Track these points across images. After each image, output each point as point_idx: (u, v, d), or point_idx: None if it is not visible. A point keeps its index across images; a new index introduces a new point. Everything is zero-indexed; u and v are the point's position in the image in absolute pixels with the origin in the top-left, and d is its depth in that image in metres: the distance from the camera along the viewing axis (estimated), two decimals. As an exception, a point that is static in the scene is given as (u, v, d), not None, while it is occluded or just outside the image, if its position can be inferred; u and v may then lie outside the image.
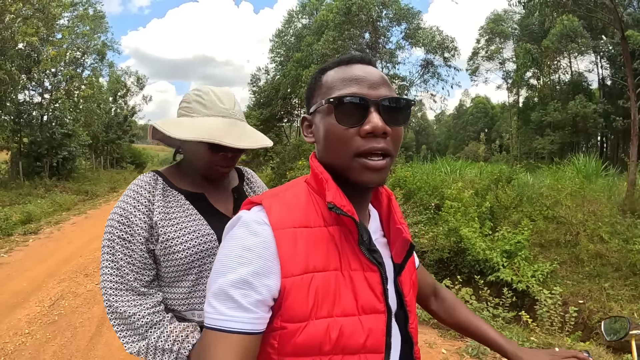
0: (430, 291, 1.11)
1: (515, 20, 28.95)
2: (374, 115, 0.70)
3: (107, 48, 25.21)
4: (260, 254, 0.67)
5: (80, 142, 19.52)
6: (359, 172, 0.71)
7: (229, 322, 0.64)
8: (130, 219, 1.05)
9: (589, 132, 24.27)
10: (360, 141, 0.70)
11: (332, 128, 0.72)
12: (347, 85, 0.73)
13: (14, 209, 10.25)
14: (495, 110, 47.10)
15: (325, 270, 0.69)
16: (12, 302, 4.51)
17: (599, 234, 6.53)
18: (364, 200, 0.79)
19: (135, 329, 1.03)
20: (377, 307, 0.72)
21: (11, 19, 11.72)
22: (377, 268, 0.73)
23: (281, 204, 0.74)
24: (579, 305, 5.06)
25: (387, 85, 0.74)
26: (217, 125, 1.08)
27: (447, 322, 1.10)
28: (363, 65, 0.76)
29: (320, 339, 0.66)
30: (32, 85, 17.93)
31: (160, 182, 1.12)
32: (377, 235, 0.82)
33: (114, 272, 1.05)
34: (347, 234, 0.73)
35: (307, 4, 29.72)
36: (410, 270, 0.87)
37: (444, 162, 13.89)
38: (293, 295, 0.66)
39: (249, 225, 0.70)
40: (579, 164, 10.73)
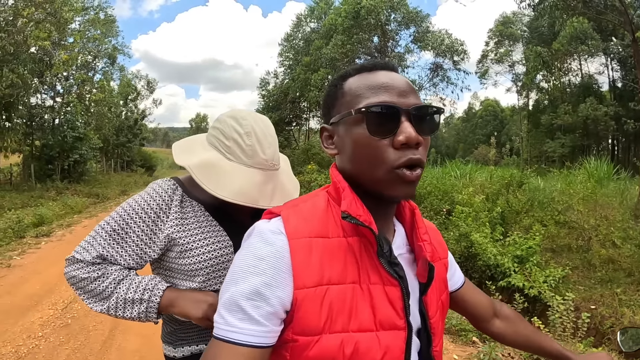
0: (490, 313, 1.01)
1: (524, 22, 28.77)
2: (407, 125, 0.66)
3: (117, 52, 25.59)
4: (273, 264, 0.65)
5: (92, 145, 19.80)
6: (393, 186, 0.67)
7: (238, 334, 0.62)
8: (130, 225, 1.04)
9: (600, 135, 23.98)
10: (395, 153, 0.66)
11: (363, 140, 0.68)
12: (375, 94, 0.69)
13: (25, 211, 10.40)
14: (505, 114, 46.77)
15: (341, 283, 0.67)
16: (26, 304, 4.57)
17: (611, 239, 6.44)
18: (386, 213, 0.75)
19: (103, 289, 1.02)
20: (396, 323, 0.68)
21: (24, 23, 11.96)
22: (397, 282, 0.69)
23: (299, 213, 0.72)
24: (591, 310, 4.99)
25: (414, 92, 0.71)
26: (255, 181, 1.05)
27: (514, 342, 1.03)
28: (387, 71, 0.73)
29: (333, 354, 0.63)
30: (44, 88, 18.27)
31: (179, 191, 1.09)
32: (402, 250, 0.77)
33: (89, 249, 1.03)
34: (367, 246, 0.70)
35: (316, 8, 29.80)
36: (440, 290, 0.82)
37: (454, 166, 13.80)
38: (305, 307, 0.64)
39: (263, 234, 0.69)
40: (591, 167, 10.59)
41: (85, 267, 1.02)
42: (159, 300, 1.01)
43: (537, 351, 1.02)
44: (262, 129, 1.08)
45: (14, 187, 14.65)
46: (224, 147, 1.06)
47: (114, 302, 1.02)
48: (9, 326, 3.95)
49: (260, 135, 1.07)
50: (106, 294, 1.02)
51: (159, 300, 1.01)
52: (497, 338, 1.04)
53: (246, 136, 1.05)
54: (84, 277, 1.01)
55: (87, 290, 1.03)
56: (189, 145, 1.17)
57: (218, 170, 1.04)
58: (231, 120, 1.08)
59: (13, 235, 8.08)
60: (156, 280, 1.05)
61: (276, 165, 1.10)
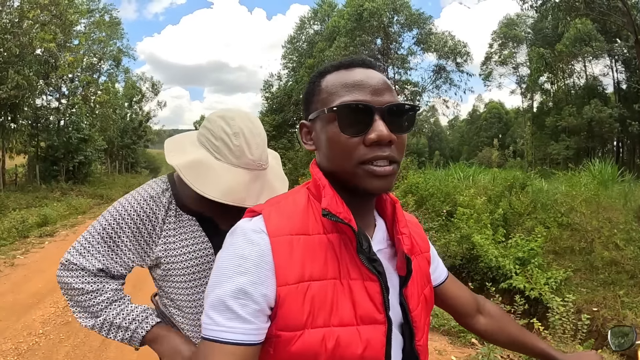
0: (474, 308, 1.01)
1: (528, 24, 28.68)
2: (379, 123, 0.67)
3: (122, 54, 25.78)
4: (257, 263, 0.66)
5: (96, 146, 19.96)
6: (364, 179, 0.68)
7: (226, 333, 0.63)
8: (120, 236, 1.04)
9: (605, 137, 23.80)
10: (365, 150, 0.68)
11: (335, 137, 0.69)
12: (349, 92, 0.70)
13: (30, 211, 10.49)
14: (510, 116, 46.51)
15: (322, 279, 0.68)
16: (28, 302, 4.62)
17: (614, 241, 6.38)
18: (365, 208, 0.76)
19: (93, 305, 1.03)
20: (376, 317, 0.69)
21: (29, 25, 12.09)
22: (376, 277, 0.70)
23: (280, 211, 0.73)
24: (592, 313, 4.95)
25: (390, 90, 0.71)
26: (242, 181, 1.05)
27: (499, 339, 1.02)
28: (364, 69, 0.73)
29: (315, 348, 0.65)
30: (50, 90, 18.44)
31: (172, 206, 1.08)
32: (383, 245, 0.78)
33: (86, 256, 1.03)
34: (347, 242, 0.71)
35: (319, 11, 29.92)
36: (421, 284, 0.82)
37: (457, 168, 13.72)
38: (288, 303, 0.65)
39: (246, 234, 0.70)
40: (595, 169, 10.52)
41: (81, 277, 1.03)
42: (144, 334, 1.03)
43: (523, 349, 1.01)
44: (250, 129, 1.08)
45: (19, 188, 14.78)
46: (213, 147, 1.07)
47: (100, 322, 1.03)
48: (10, 323, 4.00)
49: (249, 135, 1.07)
50: (95, 311, 1.03)
51: (144, 334, 1.03)
52: (480, 334, 1.03)
53: (234, 137, 1.05)
54: (78, 287, 1.02)
55: (77, 300, 1.04)
56: (180, 142, 1.17)
57: (206, 170, 1.04)
58: (220, 121, 1.08)
59: (17, 234, 8.17)
60: (148, 312, 1.06)
61: (264, 165, 1.10)
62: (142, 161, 38.55)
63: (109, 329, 1.03)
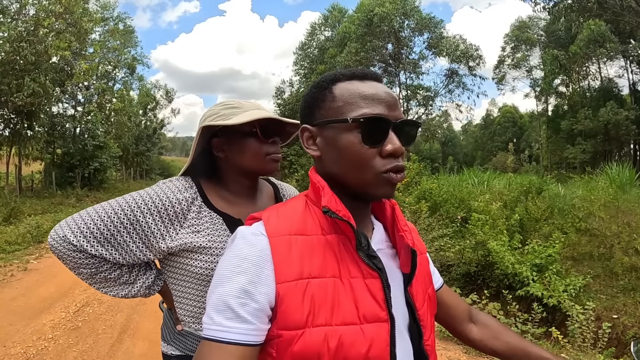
0: (466, 317, 1.00)
1: (540, 26, 28.38)
2: (393, 136, 0.72)
3: (137, 62, 26.26)
4: (256, 263, 0.68)
5: (111, 153, 20.26)
6: (379, 187, 0.72)
7: (226, 333, 0.64)
8: (141, 222, 1.00)
9: (622, 140, 23.32)
10: (382, 161, 0.71)
11: (354, 146, 0.72)
12: (368, 104, 0.72)
13: (45, 217, 10.65)
14: (524, 120, 46.04)
15: (321, 277, 0.68)
16: (39, 307, 4.63)
17: (634, 246, 6.18)
18: (364, 211, 0.79)
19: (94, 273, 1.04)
20: (379, 315, 0.69)
21: (45, 33, 12.38)
22: (377, 274, 0.71)
23: (279, 215, 0.76)
24: (612, 320, 4.78)
25: (399, 105, 0.76)
26: (259, 112, 1.08)
27: (496, 348, 0.97)
28: (376, 82, 0.76)
29: (318, 348, 0.64)
30: (66, 98, 18.82)
31: (197, 202, 1.06)
32: (382, 245, 0.80)
33: (88, 237, 0.99)
34: (345, 242, 0.73)
35: (330, 17, 30.10)
36: (425, 283, 0.84)
37: (471, 174, 13.55)
38: (287, 301, 0.66)
39: (245, 237, 0.72)
40: (612, 173, 10.27)
41: (75, 252, 0.99)
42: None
43: (525, 358, 0.93)
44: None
45: (35, 194, 15.05)
46: (221, 117, 1.08)
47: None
48: (20, 327, 4.01)
49: (240, 101, 1.14)
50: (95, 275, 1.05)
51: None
52: (475, 343, 0.99)
53: (230, 101, 1.14)
54: (74, 261, 1.00)
55: (73, 267, 1.03)
56: None
57: (223, 118, 1.08)
58: (214, 105, 1.15)
59: (32, 240, 8.28)
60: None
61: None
62: (156, 168, 39.09)
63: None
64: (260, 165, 1.10)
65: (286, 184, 1.38)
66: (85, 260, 1.00)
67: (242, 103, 1.12)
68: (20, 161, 15.00)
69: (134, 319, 4.36)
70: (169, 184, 1.07)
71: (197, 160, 1.14)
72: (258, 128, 1.07)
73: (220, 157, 1.12)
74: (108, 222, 0.99)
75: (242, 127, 1.06)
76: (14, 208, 10.63)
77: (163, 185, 1.06)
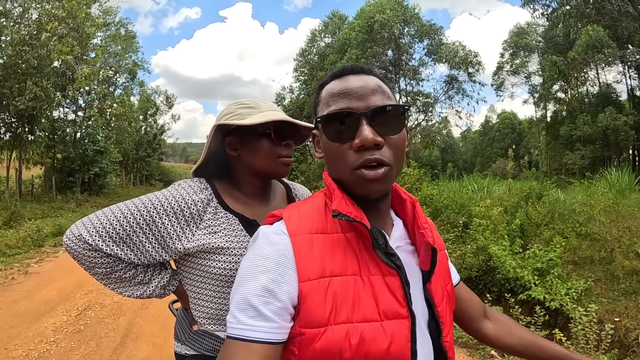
0: (480, 313, 1.01)
1: (539, 32, 28.54)
2: (364, 128, 0.69)
3: (137, 67, 26.29)
4: (279, 261, 0.68)
5: (112, 159, 20.23)
6: (358, 185, 0.71)
7: (250, 332, 0.64)
8: (157, 223, 1.00)
9: (621, 146, 23.34)
10: (354, 155, 0.70)
11: (327, 146, 0.74)
12: (335, 101, 0.73)
13: (45, 221, 10.62)
14: (523, 126, 46.12)
15: (343, 275, 0.69)
16: (40, 310, 4.62)
17: (634, 250, 6.19)
18: (379, 208, 0.78)
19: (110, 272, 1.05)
20: (399, 311, 0.70)
21: (47, 37, 12.38)
22: (396, 272, 0.71)
23: (299, 213, 0.76)
24: (615, 323, 4.77)
25: (380, 92, 0.73)
26: (275, 113, 1.09)
27: (510, 344, 0.98)
28: (355, 75, 0.75)
29: (340, 345, 0.65)
30: (67, 102, 18.83)
31: (213, 203, 1.07)
32: (401, 242, 0.79)
33: (105, 238, 0.99)
34: (364, 240, 0.73)
35: (330, 23, 30.22)
36: (444, 280, 0.84)
37: (471, 180, 13.56)
38: (310, 299, 0.66)
39: (267, 236, 0.72)
40: (612, 178, 10.30)
41: (90, 251, 0.99)
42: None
43: (539, 353, 0.95)
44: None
45: (35, 198, 15.01)
46: (237, 117, 1.09)
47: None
48: (22, 330, 4.00)
49: (256, 101, 1.15)
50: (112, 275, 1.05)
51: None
52: (488, 340, 1.01)
53: (246, 101, 1.14)
54: (89, 261, 1.01)
55: (88, 266, 1.03)
56: None
57: (239, 117, 1.09)
58: (231, 104, 1.15)
59: (32, 243, 8.26)
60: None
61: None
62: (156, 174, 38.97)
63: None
64: (272, 167, 1.11)
65: (298, 184, 1.38)
66: (100, 260, 1.00)
67: (259, 103, 1.13)
68: (21, 165, 14.99)
69: (136, 323, 4.35)
70: (184, 185, 1.07)
71: (210, 159, 1.15)
72: (272, 130, 1.08)
73: (233, 156, 1.13)
74: (124, 222, 0.99)
75: (257, 127, 1.06)
76: (15, 212, 10.61)
77: (178, 186, 1.07)
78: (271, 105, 1.15)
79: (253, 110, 1.10)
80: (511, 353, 1.01)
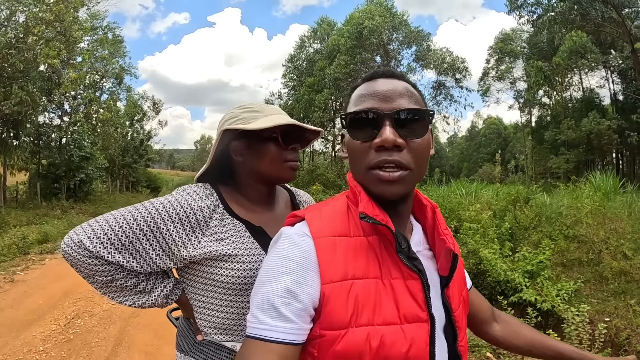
0: (489, 315, 1.03)
1: (523, 38, 29.07)
2: (387, 129, 0.70)
3: (124, 72, 26.03)
4: (302, 263, 0.68)
5: (98, 165, 19.96)
6: (374, 185, 0.72)
7: (270, 332, 0.64)
8: (162, 230, 0.97)
9: (604, 149, 23.84)
10: (373, 155, 0.71)
11: (350, 143, 0.75)
12: (363, 101, 0.74)
13: (30, 228, 10.40)
14: (509, 131, 46.85)
15: (365, 278, 0.69)
16: (28, 319, 4.51)
17: (622, 250, 6.31)
18: (400, 212, 0.78)
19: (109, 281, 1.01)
20: (419, 315, 0.70)
21: (34, 41, 12.16)
22: (417, 276, 0.72)
23: (322, 215, 0.76)
24: (605, 323, 4.86)
25: (407, 96, 0.74)
26: (281, 117, 1.08)
27: (517, 344, 1.01)
28: (385, 79, 0.76)
29: (360, 347, 0.65)
30: (52, 107, 18.53)
31: (219, 209, 1.04)
32: (420, 247, 0.81)
33: (106, 245, 0.95)
34: (386, 243, 0.73)
35: (319, 30, 30.35)
36: (460, 286, 0.85)
37: (459, 185, 13.71)
38: (332, 301, 0.67)
39: (290, 238, 0.73)
40: (596, 181, 10.51)
41: (90, 258, 0.95)
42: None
43: (546, 352, 0.98)
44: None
45: (20, 205, 14.71)
46: (241, 121, 1.08)
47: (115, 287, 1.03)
48: (10, 339, 3.90)
49: (261, 104, 1.15)
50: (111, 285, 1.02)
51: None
52: (497, 341, 1.04)
53: (251, 104, 1.13)
54: (88, 268, 0.97)
55: (87, 275, 0.99)
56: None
57: (247, 122, 1.07)
58: (235, 108, 1.14)
59: (17, 251, 8.09)
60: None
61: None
62: (143, 180, 38.46)
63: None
64: (278, 172, 1.09)
65: (301, 191, 1.37)
66: (101, 268, 0.96)
67: (264, 107, 1.12)
68: (5, 171, 14.66)
69: (127, 331, 4.26)
70: (189, 190, 1.04)
71: (215, 165, 1.13)
72: (279, 134, 1.07)
73: (238, 161, 1.11)
74: (127, 228, 0.95)
75: (263, 131, 1.05)
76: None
77: (183, 192, 1.04)
78: (276, 109, 1.14)
79: (258, 114, 1.08)
80: (520, 353, 1.04)
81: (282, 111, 1.16)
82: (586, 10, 8.93)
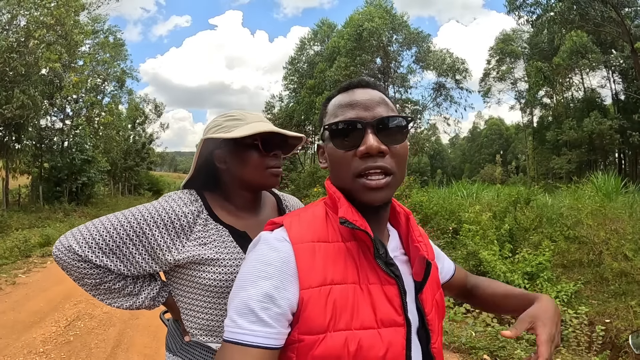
0: (471, 287, 1.09)
1: (524, 39, 29.10)
2: (370, 137, 0.72)
3: (126, 75, 26.09)
4: (281, 268, 0.69)
5: (100, 168, 19.97)
6: (361, 193, 0.73)
7: (248, 336, 0.64)
8: (147, 234, 1.00)
9: (606, 149, 23.81)
10: (358, 162, 0.72)
11: (333, 152, 0.77)
12: (344, 111, 0.76)
13: (32, 231, 10.45)
14: (510, 132, 46.79)
15: (343, 283, 0.70)
16: (29, 321, 4.54)
17: (622, 251, 6.29)
18: (378, 218, 0.80)
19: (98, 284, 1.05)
20: (396, 320, 0.72)
21: (35, 45, 12.21)
22: (394, 281, 0.73)
23: (301, 221, 0.77)
24: (605, 324, 4.84)
25: (384, 104, 0.76)
26: (261, 125, 1.09)
27: (487, 304, 1.07)
28: (361, 89, 0.79)
29: (338, 351, 0.66)
30: (54, 111, 18.56)
31: (203, 215, 1.07)
32: (397, 253, 0.82)
33: (94, 248, 0.98)
34: (364, 249, 0.75)
35: (319, 32, 30.39)
36: (433, 290, 0.86)
37: (460, 186, 13.69)
38: (311, 306, 0.67)
39: (269, 242, 0.73)
40: (598, 182, 10.47)
41: (79, 262, 0.99)
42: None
43: (501, 301, 1.02)
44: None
45: (22, 208, 14.77)
46: (223, 129, 1.10)
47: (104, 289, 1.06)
48: (11, 341, 3.93)
49: (243, 112, 1.15)
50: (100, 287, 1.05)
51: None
52: (481, 306, 1.14)
53: (233, 112, 1.15)
54: (78, 272, 1.00)
55: (77, 277, 1.03)
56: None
57: (228, 130, 1.09)
58: (218, 117, 1.17)
59: (19, 254, 8.12)
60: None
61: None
62: (145, 183, 38.54)
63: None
64: (261, 179, 1.11)
65: (289, 195, 1.39)
66: (90, 271, 1.00)
67: (246, 115, 1.13)
68: (8, 174, 14.72)
69: (127, 333, 4.29)
70: (174, 196, 1.08)
71: (200, 172, 1.16)
72: (260, 141, 1.08)
73: (222, 168, 1.13)
74: (114, 233, 0.99)
75: (244, 139, 1.07)
76: (1, 222, 10.44)
77: (169, 198, 1.07)
78: (258, 116, 1.16)
79: (239, 122, 1.10)
80: (494, 310, 1.11)
81: (264, 118, 1.17)
82: (585, 10, 8.93)
